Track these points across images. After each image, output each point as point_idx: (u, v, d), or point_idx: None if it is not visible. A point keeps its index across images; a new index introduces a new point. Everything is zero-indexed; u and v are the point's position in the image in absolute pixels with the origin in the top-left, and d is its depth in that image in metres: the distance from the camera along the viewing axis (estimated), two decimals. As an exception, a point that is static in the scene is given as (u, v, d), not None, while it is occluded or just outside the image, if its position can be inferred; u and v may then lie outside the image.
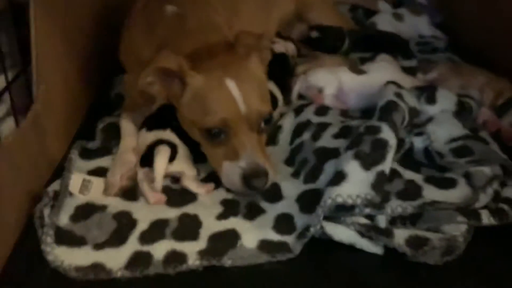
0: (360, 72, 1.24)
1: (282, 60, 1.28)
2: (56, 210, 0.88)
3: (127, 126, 1.07)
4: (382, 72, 1.24)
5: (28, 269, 0.80)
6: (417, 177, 0.95)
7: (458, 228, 0.84)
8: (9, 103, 0.93)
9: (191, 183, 0.96)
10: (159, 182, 0.93)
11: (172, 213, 0.91)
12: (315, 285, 0.80)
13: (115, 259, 0.81)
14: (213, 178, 1.00)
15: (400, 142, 0.97)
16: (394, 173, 0.93)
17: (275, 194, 0.96)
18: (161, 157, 0.94)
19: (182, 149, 0.99)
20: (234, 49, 0.99)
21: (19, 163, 0.83)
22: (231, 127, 0.92)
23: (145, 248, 0.84)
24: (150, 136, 0.98)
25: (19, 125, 0.85)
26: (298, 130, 1.10)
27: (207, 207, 0.93)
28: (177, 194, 0.97)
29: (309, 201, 0.92)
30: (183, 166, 0.97)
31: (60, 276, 0.79)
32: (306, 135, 1.07)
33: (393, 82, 1.05)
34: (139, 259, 0.81)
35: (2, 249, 0.79)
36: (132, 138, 1.05)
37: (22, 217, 0.86)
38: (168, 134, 0.99)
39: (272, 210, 0.93)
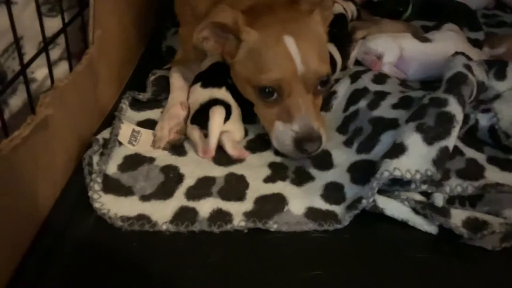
0: (424, 39, 1.17)
1: (340, 21, 1.21)
2: (105, 158, 0.88)
3: (176, 80, 1.06)
4: (447, 41, 1.17)
5: (73, 214, 0.81)
6: (480, 157, 0.90)
7: (521, 214, 0.79)
8: (62, 47, 0.91)
9: (228, 142, 0.93)
10: (214, 143, 0.91)
11: (219, 172, 0.90)
12: (362, 259, 0.77)
13: (161, 212, 0.81)
14: (261, 141, 0.97)
15: (465, 118, 0.91)
16: (455, 150, 0.87)
17: (325, 162, 0.93)
18: (217, 119, 0.91)
19: (235, 110, 0.96)
20: (296, 5, 0.94)
21: (72, 107, 0.83)
22: (286, 87, 0.89)
23: (191, 204, 0.83)
24: (205, 94, 0.95)
25: (73, 69, 0.83)
26: (353, 97, 1.05)
27: (254, 169, 0.91)
28: (224, 153, 0.95)
29: (361, 171, 0.88)
30: (234, 126, 0.95)
31: (105, 224, 0.79)
32: (362, 103, 1.02)
33: (462, 53, 0.98)
34: (185, 215, 0.81)
35: (51, 192, 0.80)
36: (181, 92, 1.03)
37: (72, 162, 0.86)
38: (223, 93, 0.96)
39: (321, 177, 0.89)
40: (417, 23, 1.40)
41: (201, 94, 0.96)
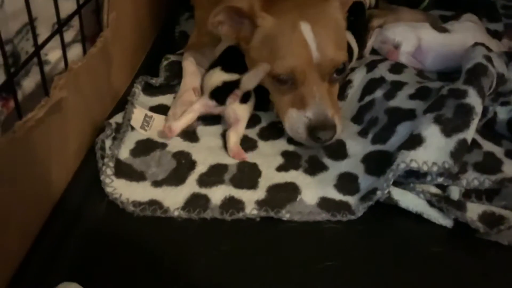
0: (442, 30, 1.15)
1: (358, 8, 1.19)
2: (118, 142, 0.87)
3: (189, 65, 1.05)
4: (466, 32, 1.14)
5: (86, 198, 0.80)
6: (498, 150, 0.88)
7: (538, 210, 0.78)
8: (76, 29, 0.91)
9: (233, 135, 0.91)
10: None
11: (231, 159, 0.89)
12: (375, 251, 0.76)
13: (173, 198, 0.80)
14: (274, 129, 0.96)
15: (483, 110, 0.89)
16: (473, 143, 0.85)
17: (339, 152, 0.91)
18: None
19: (252, 101, 0.96)
20: (314, -9, 0.92)
21: (85, 90, 0.82)
22: (300, 75, 0.87)
23: (203, 191, 0.82)
24: (229, 76, 0.94)
25: (87, 51, 0.83)
26: (369, 87, 1.03)
27: (267, 157, 0.90)
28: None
29: (376, 162, 0.86)
30: (244, 115, 0.94)
31: (117, 209, 0.79)
32: (379, 93, 1.00)
33: (482, 44, 0.96)
34: (197, 201, 0.80)
35: (63, 176, 0.79)
36: (193, 77, 1.02)
37: (84, 145, 0.86)
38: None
39: (335, 167, 0.88)
40: (435, 13, 1.38)
41: (225, 75, 0.94)
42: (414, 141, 0.80)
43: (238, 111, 0.92)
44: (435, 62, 1.12)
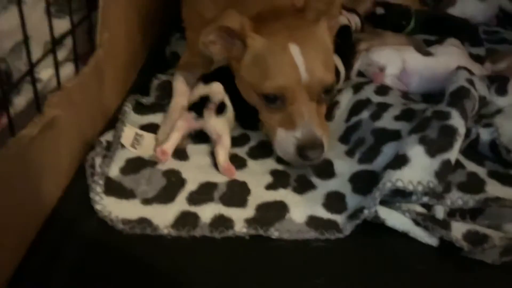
0: (426, 53, 1.18)
1: (345, 32, 1.22)
2: (108, 160, 0.88)
3: (179, 85, 1.06)
4: (449, 56, 1.18)
5: (76, 216, 0.80)
6: (481, 171, 0.91)
7: (521, 229, 0.80)
8: (68, 48, 0.91)
9: (221, 153, 0.92)
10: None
11: (221, 178, 0.90)
12: (363, 268, 0.77)
13: (163, 216, 0.81)
14: (263, 148, 0.98)
15: (466, 132, 0.91)
16: (456, 163, 0.88)
17: (327, 171, 0.93)
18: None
19: (230, 113, 0.97)
20: (302, 14, 0.95)
21: (78, 108, 0.83)
22: (289, 95, 0.89)
23: (193, 209, 0.83)
24: (205, 88, 0.96)
25: (80, 70, 0.84)
26: (356, 108, 1.06)
27: (256, 176, 0.91)
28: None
29: (363, 182, 0.88)
30: (224, 128, 0.95)
31: (107, 226, 0.79)
32: (365, 114, 1.02)
33: (465, 68, 0.99)
34: (186, 219, 0.80)
35: (54, 192, 0.80)
36: (183, 97, 1.03)
37: (75, 163, 0.86)
38: (222, 93, 0.97)
39: (323, 186, 0.90)
40: (419, 37, 1.42)
41: (202, 89, 0.97)
42: (400, 161, 0.82)
43: (217, 126, 0.94)
44: (419, 85, 1.15)
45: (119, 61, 1.02)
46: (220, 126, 0.94)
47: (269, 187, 0.89)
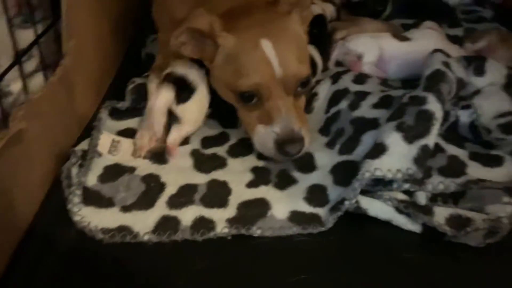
0: (403, 38, 1.17)
1: (319, 22, 1.21)
2: (85, 170, 0.86)
3: (154, 87, 1.04)
4: (427, 39, 1.17)
5: (54, 229, 0.79)
6: (461, 153, 0.90)
7: (503, 209, 0.79)
8: (38, 59, 0.90)
9: (173, 134, 0.93)
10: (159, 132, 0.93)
11: (201, 179, 0.89)
12: (347, 261, 0.76)
13: (143, 222, 0.80)
14: (244, 145, 0.97)
15: (445, 115, 0.91)
16: (436, 148, 0.87)
17: (308, 164, 0.92)
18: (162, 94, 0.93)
19: (200, 95, 0.96)
20: (273, 7, 0.93)
21: (48, 119, 0.81)
22: (265, 91, 0.88)
23: (173, 212, 0.82)
24: (181, 66, 0.96)
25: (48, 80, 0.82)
26: (334, 98, 1.05)
27: (237, 174, 0.91)
28: (206, 159, 0.94)
29: (344, 173, 0.87)
30: (190, 113, 0.95)
31: (86, 237, 0.78)
32: (343, 104, 1.01)
33: (441, 50, 0.98)
34: (167, 224, 0.80)
35: (28, 208, 0.78)
36: None
37: (49, 176, 0.85)
38: (199, 76, 0.96)
39: (304, 180, 0.89)
40: (396, 21, 1.41)
41: (180, 65, 0.97)
42: (378, 149, 0.81)
43: (178, 111, 0.94)
44: (397, 71, 1.15)
45: (91, 67, 1.01)
46: (181, 113, 0.94)
47: (250, 184, 0.88)
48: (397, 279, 0.73)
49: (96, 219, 0.80)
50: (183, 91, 0.94)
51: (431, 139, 0.82)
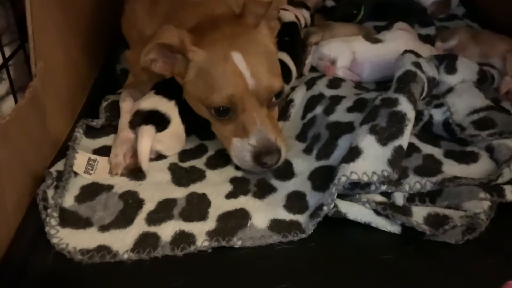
0: (375, 41, 1.19)
1: (292, 29, 1.22)
2: (61, 191, 0.85)
3: (126, 103, 1.03)
4: (398, 40, 1.18)
5: (31, 252, 0.78)
6: (437, 152, 0.91)
7: (480, 205, 0.80)
8: (8, 82, 0.89)
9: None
10: (145, 164, 0.91)
11: (179, 193, 0.88)
12: (328, 266, 0.76)
13: (122, 241, 0.79)
14: (221, 157, 0.96)
15: (419, 114, 0.92)
16: (412, 148, 0.88)
17: (286, 172, 0.92)
18: (145, 140, 0.92)
19: (174, 126, 0.96)
20: (241, 20, 0.93)
21: (19, 142, 0.80)
22: (238, 104, 0.87)
23: (152, 229, 0.81)
24: (150, 101, 0.96)
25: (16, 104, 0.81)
26: (310, 104, 1.05)
27: (215, 186, 0.90)
28: (184, 173, 0.94)
29: (322, 178, 0.87)
30: (168, 141, 0.96)
31: (65, 259, 0.77)
32: (319, 109, 1.02)
33: (411, 51, 0.99)
34: (146, 241, 0.79)
35: (4, 233, 0.77)
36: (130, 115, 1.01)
37: (25, 199, 0.84)
38: (169, 107, 0.96)
39: (283, 188, 0.89)
40: (369, 24, 1.42)
41: (148, 100, 0.96)
42: (353, 153, 0.81)
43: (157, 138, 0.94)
44: (371, 73, 1.16)
45: (62, 87, 1.00)
46: (159, 147, 0.95)
47: (230, 195, 0.88)
48: (378, 281, 0.74)
49: (74, 240, 0.79)
50: (160, 123, 0.94)
51: (405, 139, 0.82)
